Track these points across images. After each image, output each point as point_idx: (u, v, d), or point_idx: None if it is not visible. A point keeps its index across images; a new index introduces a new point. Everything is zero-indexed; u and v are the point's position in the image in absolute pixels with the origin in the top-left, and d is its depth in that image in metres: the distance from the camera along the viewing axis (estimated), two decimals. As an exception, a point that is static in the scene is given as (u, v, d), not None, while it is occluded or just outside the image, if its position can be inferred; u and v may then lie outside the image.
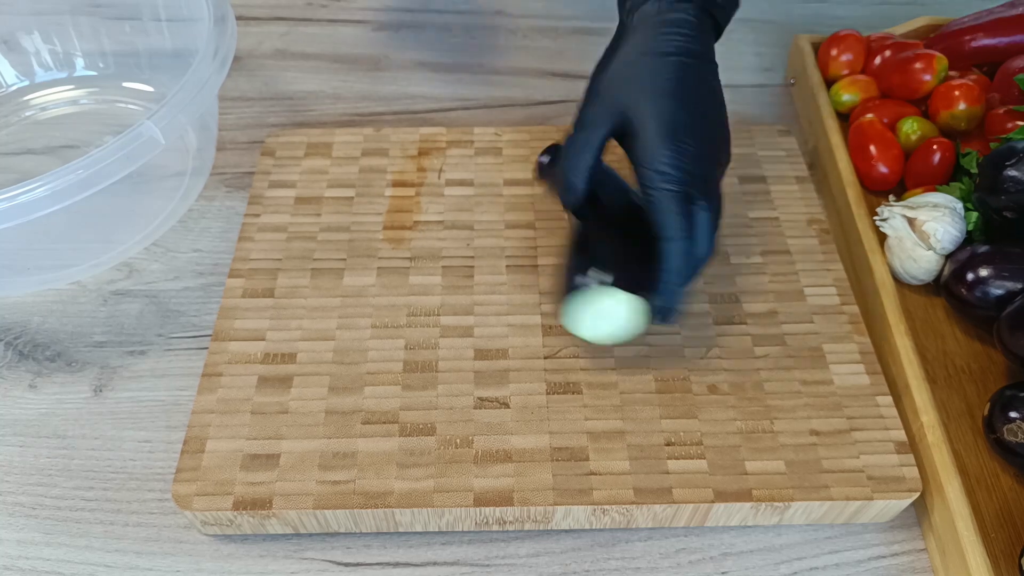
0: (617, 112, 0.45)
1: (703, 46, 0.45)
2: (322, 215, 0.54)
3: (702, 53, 0.45)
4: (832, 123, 0.59)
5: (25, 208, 0.42)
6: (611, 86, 0.46)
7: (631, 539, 0.44)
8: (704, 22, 0.46)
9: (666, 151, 0.42)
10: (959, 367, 0.49)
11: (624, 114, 0.44)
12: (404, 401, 0.45)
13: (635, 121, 0.44)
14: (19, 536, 0.43)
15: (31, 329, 0.51)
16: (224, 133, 0.63)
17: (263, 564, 0.42)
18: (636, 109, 0.44)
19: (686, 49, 0.45)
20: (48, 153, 0.61)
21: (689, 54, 0.44)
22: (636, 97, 0.44)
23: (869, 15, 0.75)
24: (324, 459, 0.42)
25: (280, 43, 0.71)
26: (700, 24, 0.45)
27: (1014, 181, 0.47)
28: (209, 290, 0.53)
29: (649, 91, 0.44)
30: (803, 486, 0.42)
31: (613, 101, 0.45)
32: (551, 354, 0.47)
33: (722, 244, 0.53)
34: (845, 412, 0.45)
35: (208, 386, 0.45)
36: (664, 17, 0.45)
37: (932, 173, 0.55)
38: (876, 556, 0.43)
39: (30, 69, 0.65)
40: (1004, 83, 0.58)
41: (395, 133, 0.59)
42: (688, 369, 0.46)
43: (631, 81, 0.45)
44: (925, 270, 0.51)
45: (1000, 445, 0.44)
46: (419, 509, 0.41)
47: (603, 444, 0.43)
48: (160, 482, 0.45)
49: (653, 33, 0.45)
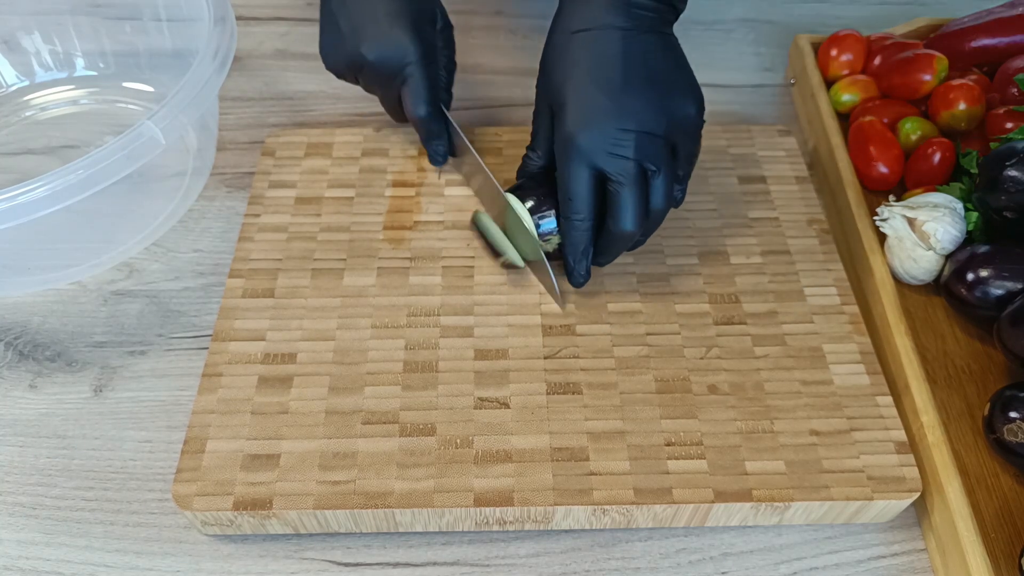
0: (548, 100, 0.47)
1: (626, 17, 0.45)
2: (322, 215, 0.54)
3: (624, 25, 0.45)
4: (832, 123, 0.59)
5: (25, 208, 0.42)
6: (540, 71, 0.49)
7: (631, 539, 0.44)
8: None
9: (572, 132, 0.44)
10: (959, 367, 0.49)
11: (551, 101, 0.47)
12: (404, 401, 0.45)
13: (556, 105, 0.46)
14: (19, 536, 0.43)
15: (31, 329, 0.51)
16: (224, 133, 0.63)
17: (263, 564, 0.42)
18: (557, 94, 0.46)
19: (606, 23, 0.45)
20: (48, 153, 0.61)
21: (608, 27, 0.45)
22: (555, 82, 0.46)
23: (869, 15, 0.75)
24: (324, 459, 0.42)
25: (280, 43, 0.71)
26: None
27: (1014, 181, 0.47)
28: (209, 290, 0.53)
29: (562, 73, 0.46)
30: (803, 486, 0.42)
31: (543, 90, 0.48)
32: (551, 354, 0.47)
33: (722, 244, 0.53)
34: (845, 412, 0.45)
35: (208, 386, 0.45)
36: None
37: (932, 173, 0.55)
38: (876, 556, 0.43)
39: (30, 69, 0.65)
40: (1004, 83, 0.58)
41: (395, 133, 0.59)
42: (688, 369, 0.46)
43: (550, 64, 0.47)
44: (925, 270, 0.51)
45: (1000, 445, 0.44)
46: (419, 509, 0.41)
47: (603, 444, 0.43)
48: (160, 482, 0.45)
49: (569, 8, 0.47)
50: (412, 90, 0.52)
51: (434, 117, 0.53)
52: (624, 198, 0.44)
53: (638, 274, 0.51)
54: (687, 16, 0.73)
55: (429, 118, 0.53)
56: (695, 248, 0.53)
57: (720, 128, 0.60)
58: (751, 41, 0.72)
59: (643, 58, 0.45)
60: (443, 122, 0.55)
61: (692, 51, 0.48)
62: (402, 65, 0.51)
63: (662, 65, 0.45)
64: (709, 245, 0.53)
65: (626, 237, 0.46)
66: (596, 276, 0.51)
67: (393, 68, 0.51)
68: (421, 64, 0.51)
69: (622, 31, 0.45)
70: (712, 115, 0.65)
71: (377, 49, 0.51)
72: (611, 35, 0.45)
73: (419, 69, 0.51)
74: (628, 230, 0.45)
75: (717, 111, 0.66)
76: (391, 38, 0.51)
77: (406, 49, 0.51)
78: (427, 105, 0.52)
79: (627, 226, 0.45)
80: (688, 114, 0.46)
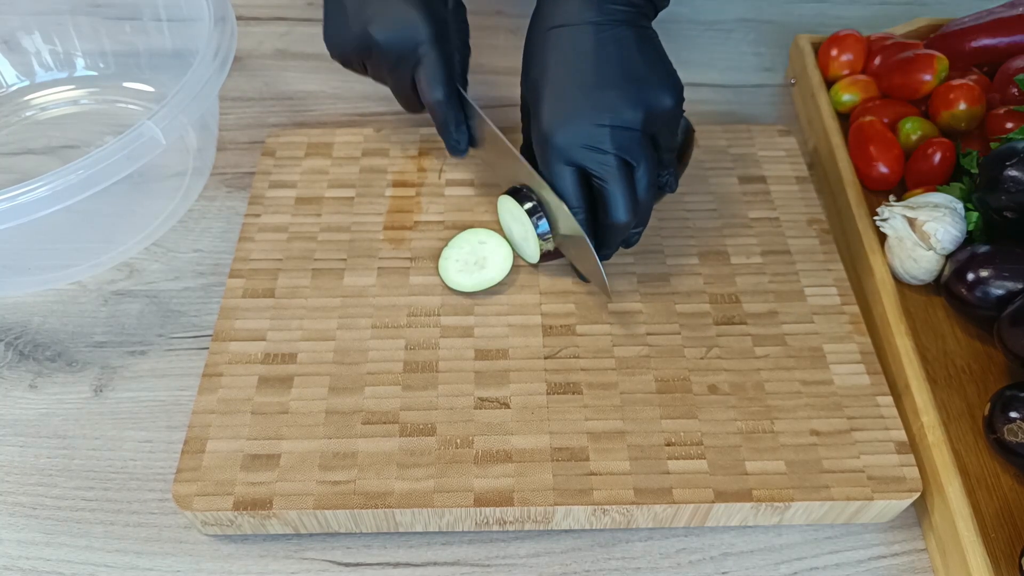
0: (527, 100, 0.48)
1: (599, 12, 0.45)
2: (322, 215, 0.54)
3: (598, 20, 0.45)
4: (832, 123, 0.59)
5: (25, 208, 0.42)
6: (522, 71, 0.49)
7: (631, 539, 0.44)
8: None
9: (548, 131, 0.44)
10: (959, 367, 0.49)
11: (529, 97, 0.47)
12: (404, 401, 0.45)
13: (532, 103, 0.46)
14: (20, 536, 0.43)
15: (31, 329, 0.51)
16: (224, 133, 0.63)
17: (263, 564, 0.42)
18: (533, 92, 0.46)
19: (580, 19, 0.45)
20: (48, 153, 0.61)
21: (582, 23, 0.45)
22: (531, 80, 0.47)
23: (869, 15, 0.75)
24: (324, 459, 0.42)
25: (280, 43, 0.71)
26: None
27: (1014, 181, 0.47)
28: (210, 290, 0.53)
29: (538, 71, 0.46)
30: (803, 486, 0.42)
31: (524, 89, 0.48)
32: (551, 354, 0.47)
33: (722, 244, 0.53)
34: (845, 412, 0.45)
35: (208, 386, 0.45)
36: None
37: (932, 173, 0.55)
38: (876, 556, 0.43)
39: (30, 69, 0.65)
40: (1004, 83, 0.58)
41: (395, 133, 0.59)
42: (688, 369, 0.46)
43: (527, 62, 0.48)
44: (925, 270, 0.51)
45: (1000, 445, 0.44)
46: (419, 509, 0.41)
47: (603, 444, 0.43)
48: (160, 482, 0.45)
49: (546, 6, 0.47)
50: (427, 72, 0.49)
51: (452, 101, 0.50)
52: (611, 191, 0.44)
53: (638, 274, 0.51)
54: (687, 16, 0.74)
55: (447, 101, 0.50)
56: (695, 248, 0.53)
57: (720, 128, 0.60)
58: (751, 41, 0.72)
59: (617, 52, 0.45)
60: (461, 108, 0.51)
61: (692, 51, 0.48)
62: (415, 45, 0.48)
63: (637, 58, 0.45)
64: (709, 245, 0.53)
65: (620, 228, 0.46)
66: (596, 276, 0.51)
67: (405, 49, 0.49)
68: (435, 44, 0.48)
69: (595, 26, 0.45)
70: (712, 115, 0.65)
71: (387, 28, 0.48)
72: (584, 30, 0.45)
73: (433, 49, 0.48)
74: (621, 221, 0.45)
75: (717, 111, 0.66)
76: (401, 16, 0.48)
77: (418, 27, 0.48)
78: (444, 87, 0.49)
79: (618, 218, 0.45)
80: (665, 105, 0.45)
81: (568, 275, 0.51)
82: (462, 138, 0.52)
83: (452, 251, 0.51)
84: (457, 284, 0.49)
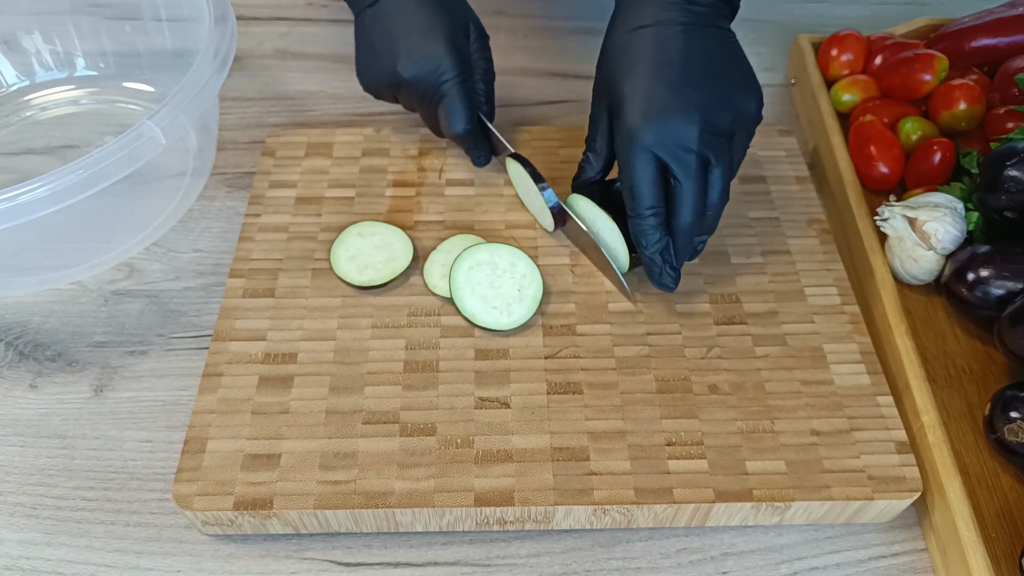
0: (607, 98, 0.47)
1: (685, 12, 0.45)
2: (323, 215, 0.54)
3: (683, 20, 0.45)
4: (832, 123, 0.59)
5: (25, 208, 0.42)
6: (598, 73, 0.48)
7: (631, 539, 0.44)
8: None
9: (635, 125, 0.44)
10: (959, 367, 0.49)
11: (610, 98, 0.47)
12: (405, 401, 0.45)
13: (616, 101, 0.46)
14: (20, 536, 0.43)
15: (32, 329, 0.51)
16: (224, 133, 0.63)
17: (263, 564, 0.42)
18: (617, 90, 0.46)
19: (665, 19, 0.45)
20: (48, 153, 0.61)
21: (667, 22, 0.45)
22: (615, 79, 0.46)
23: (869, 15, 0.75)
24: (325, 459, 0.42)
25: (280, 43, 0.71)
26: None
27: (1014, 181, 0.47)
28: (210, 290, 0.53)
29: (623, 70, 0.46)
30: (804, 486, 0.42)
31: (602, 89, 0.48)
32: (552, 354, 0.47)
33: (722, 244, 0.53)
34: (846, 412, 0.45)
35: (209, 386, 0.45)
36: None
37: (932, 173, 0.55)
38: (876, 556, 0.43)
39: (30, 69, 0.65)
40: (1004, 83, 0.58)
41: (395, 133, 0.59)
42: (688, 369, 0.46)
43: (609, 62, 0.47)
44: (925, 270, 0.51)
45: (1001, 445, 0.44)
46: (420, 509, 0.41)
47: (604, 444, 0.43)
48: (161, 482, 0.45)
49: (627, 8, 0.47)
50: (448, 108, 0.52)
51: (471, 134, 0.53)
52: (685, 191, 0.44)
53: (639, 274, 0.51)
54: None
55: (467, 135, 0.53)
56: (695, 248, 0.53)
57: (720, 128, 0.60)
58: (751, 41, 0.72)
59: (704, 52, 0.45)
60: (481, 136, 0.55)
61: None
62: (439, 82, 0.51)
63: (723, 59, 0.46)
64: (709, 245, 0.52)
65: (688, 232, 0.45)
66: (595, 276, 0.51)
67: (429, 86, 0.51)
68: (457, 81, 0.51)
69: (682, 26, 0.45)
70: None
71: (413, 67, 0.51)
72: (671, 30, 0.45)
73: (455, 87, 0.51)
74: (689, 222, 0.45)
75: (717, 111, 0.66)
76: (426, 54, 0.51)
77: (442, 66, 0.51)
78: (464, 123, 0.52)
79: (688, 218, 0.45)
80: (749, 110, 0.46)
81: (568, 275, 0.51)
82: (481, 157, 0.56)
83: (439, 255, 0.51)
84: (441, 290, 0.49)
